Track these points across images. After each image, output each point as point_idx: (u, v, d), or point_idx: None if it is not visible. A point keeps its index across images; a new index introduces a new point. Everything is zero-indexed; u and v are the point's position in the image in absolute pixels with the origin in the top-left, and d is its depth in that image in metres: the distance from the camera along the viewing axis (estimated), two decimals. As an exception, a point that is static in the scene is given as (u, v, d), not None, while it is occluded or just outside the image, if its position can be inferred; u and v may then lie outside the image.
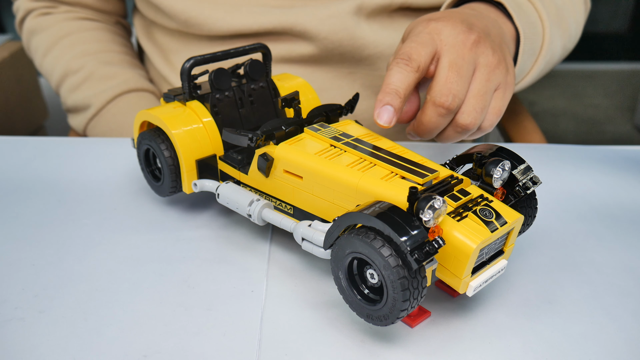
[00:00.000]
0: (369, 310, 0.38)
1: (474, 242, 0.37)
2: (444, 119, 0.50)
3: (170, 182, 0.51)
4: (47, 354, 0.38)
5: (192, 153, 0.50)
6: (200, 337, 0.40)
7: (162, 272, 0.46)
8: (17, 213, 0.54)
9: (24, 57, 1.23)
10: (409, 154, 0.45)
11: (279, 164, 0.45)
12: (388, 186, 0.40)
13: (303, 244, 0.43)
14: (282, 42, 0.73)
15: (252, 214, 0.47)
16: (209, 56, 0.52)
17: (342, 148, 0.45)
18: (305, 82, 0.58)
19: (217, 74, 0.52)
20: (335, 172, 0.42)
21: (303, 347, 0.39)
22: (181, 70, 0.51)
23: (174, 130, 0.49)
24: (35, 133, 1.28)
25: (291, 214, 0.47)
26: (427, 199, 0.36)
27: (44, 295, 0.44)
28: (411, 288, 0.35)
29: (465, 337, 0.40)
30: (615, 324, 0.42)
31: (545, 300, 0.44)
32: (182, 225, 0.53)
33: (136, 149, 0.55)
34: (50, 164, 0.63)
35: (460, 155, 0.46)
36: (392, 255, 0.35)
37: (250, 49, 0.54)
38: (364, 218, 0.36)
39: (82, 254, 0.48)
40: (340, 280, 0.39)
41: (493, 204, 0.40)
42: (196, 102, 0.52)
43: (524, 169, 0.44)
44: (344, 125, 0.49)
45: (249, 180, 0.49)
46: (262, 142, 0.46)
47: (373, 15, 0.73)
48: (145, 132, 0.52)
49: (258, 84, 0.55)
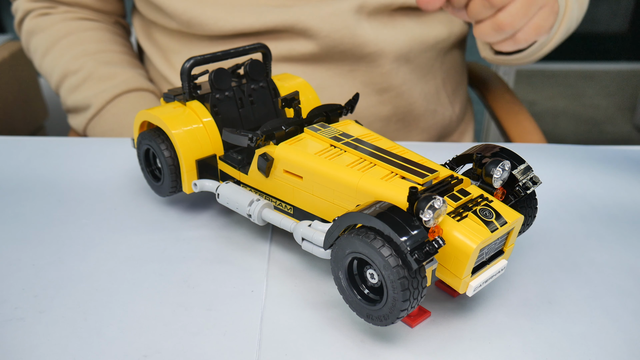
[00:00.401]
0: (369, 310, 0.38)
1: (474, 242, 0.37)
2: (486, 10, 0.50)
3: (170, 182, 0.51)
4: (47, 354, 0.38)
5: (192, 153, 0.50)
6: (200, 337, 0.40)
7: (162, 272, 0.46)
8: (17, 213, 0.54)
9: (24, 57, 1.23)
10: (409, 154, 0.45)
11: (279, 164, 0.45)
12: (388, 186, 0.40)
13: (303, 244, 0.43)
14: (284, 40, 0.73)
15: (252, 214, 0.47)
16: (209, 56, 0.52)
17: (342, 148, 0.45)
18: (305, 82, 0.58)
19: (217, 74, 0.52)
20: (335, 172, 0.42)
21: (303, 347, 0.39)
22: (181, 70, 0.51)
23: (174, 130, 0.49)
24: (35, 133, 1.28)
25: (291, 214, 0.47)
26: (427, 199, 0.36)
27: (44, 295, 0.44)
28: (411, 288, 0.35)
29: (465, 337, 0.40)
30: (615, 324, 0.42)
31: (545, 300, 0.44)
32: (182, 225, 0.53)
33: (136, 149, 0.55)
34: (50, 164, 0.63)
35: (460, 155, 0.46)
36: (392, 255, 0.35)
37: (250, 48, 0.54)
38: (364, 218, 0.36)
39: (82, 254, 0.48)
40: (340, 280, 0.39)
41: (493, 204, 0.40)
42: (196, 102, 0.52)
43: (524, 169, 0.44)
44: (344, 125, 0.49)
45: (249, 180, 0.49)
46: (262, 142, 0.46)
47: (374, 14, 0.73)
48: (145, 132, 0.52)
49: (258, 84, 0.55)
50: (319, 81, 0.75)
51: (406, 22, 0.76)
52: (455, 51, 0.85)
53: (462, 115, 0.90)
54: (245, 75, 0.55)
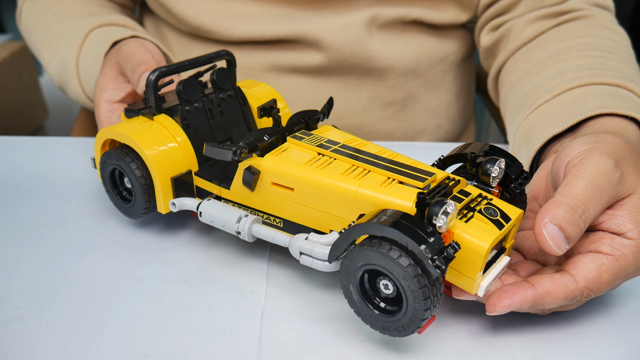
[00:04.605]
0: (386, 322, 0.37)
1: (486, 243, 0.36)
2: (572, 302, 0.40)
3: (142, 203, 0.48)
4: (47, 354, 0.38)
5: (167, 171, 0.47)
6: (200, 337, 0.40)
7: (162, 272, 0.46)
8: (17, 213, 0.54)
9: (24, 57, 1.23)
10: (399, 157, 0.44)
11: (266, 177, 0.43)
12: (389, 192, 0.39)
13: (301, 259, 0.42)
14: (293, 51, 0.73)
15: (241, 231, 0.44)
16: (175, 66, 0.49)
17: (331, 156, 0.43)
18: (272, 88, 0.57)
19: (186, 85, 0.49)
20: (330, 182, 0.41)
21: (303, 347, 0.39)
22: (147, 82, 0.48)
23: (147, 150, 0.46)
24: (35, 133, 1.28)
25: (281, 227, 0.45)
26: (440, 203, 0.35)
27: (44, 295, 0.44)
28: (431, 296, 0.35)
29: (465, 337, 0.40)
30: (615, 324, 0.42)
31: (545, 300, 0.44)
32: (182, 225, 0.53)
33: (99, 170, 0.51)
34: (50, 164, 0.63)
35: (447, 155, 0.45)
36: (411, 264, 0.34)
37: (215, 56, 0.52)
38: (376, 228, 0.35)
39: (82, 254, 0.48)
40: (351, 293, 0.38)
41: (494, 202, 0.40)
42: (164, 115, 0.49)
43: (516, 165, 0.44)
44: (324, 131, 0.48)
45: (232, 195, 0.46)
46: (245, 155, 0.44)
47: (386, 27, 0.73)
48: (110, 151, 0.48)
49: (226, 93, 0.53)
50: (324, 94, 0.74)
51: (418, 37, 0.75)
52: (467, 64, 0.84)
53: (464, 128, 0.89)
54: (212, 84, 0.52)
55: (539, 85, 0.59)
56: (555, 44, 0.63)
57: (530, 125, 0.55)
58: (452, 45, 0.78)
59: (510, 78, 0.66)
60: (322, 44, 0.71)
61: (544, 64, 0.62)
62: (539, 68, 0.61)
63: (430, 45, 0.76)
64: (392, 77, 0.75)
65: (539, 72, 0.61)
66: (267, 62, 0.73)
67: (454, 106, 0.83)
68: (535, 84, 0.60)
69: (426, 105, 0.80)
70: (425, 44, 0.76)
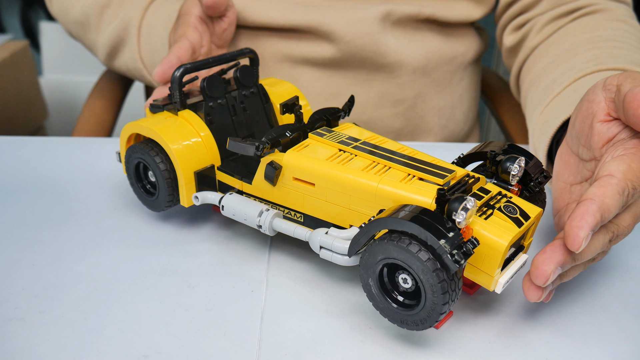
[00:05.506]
0: (404, 316, 0.37)
1: (505, 240, 0.37)
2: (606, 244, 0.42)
3: (166, 197, 0.49)
4: (47, 354, 0.38)
5: (191, 165, 0.48)
6: (200, 337, 0.40)
7: (162, 272, 0.46)
8: (17, 213, 0.54)
9: (24, 57, 1.23)
10: (420, 155, 0.44)
11: (288, 172, 0.44)
12: (409, 188, 0.39)
13: (321, 252, 0.42)
14: (305, 41, 0.73)
15: (262, 225, 0.45)
16: (199, 64, 0.50)
17: (352, 152, 0.44)
18: (294, 87, 0.58)
19: (210, 82, 0.51)
20: (351, 177, 0.41)
21: (303, 347, 0.39)
22: (172, 79, 0.49)
23: (172, 144, 0.47)
24: (35, 133, 1.28)
25: (301, 222, 0.46)
26: (459, 199, 0.36)
27: (44, 295, 0.44)
28: (450, 290, 0.35)
29: (465, 337, 0.40)
30: (615, 324, 0.42)
31: (545, 300, 0.44)
32: (182, 224, 0.53)
33: (124, 164, 0.52)
34: (50, 164, 0.63)
35: (467, 154, 0.46)
36: (430, 259, 0.34)
37: (239, 54, 0.53)
38: (396, 223, 0.35)
39: (82, 254, 0.48)
40: (370, 287, 0.39)
41: (513, 199, 0.40)
42: (188, 111, 0.50)
43: (535, 164, 0.44)
44: (346, 128, 0.49)
45: (253, 189, 0.48)
46: (268, 150, 0.45)
47: (399, 24, 0.73)
48: (135, 145, 0.50)
49: (249, 90, 0.54)
50: (334, 88, 0.74)
51: (428, 34, 0.75)
52: (474, 67, 0.84)
53: (469, 132, 0.89)
54: (236, 81, 0.53)
55: (553, 80, 0.61)
56: (569, 39, 0.65)
57: (545, 118, 0.57)
58: (461, 46, 0.79)
59: (530, 76, 0.68)
60: (335, 36, 0.71)
61: (558, 59, 0.63)
62: (554, 64, 0.63)
63: (440, 45, 0.76)
64: (403, 74, 0.75)
65: (554, 69, 0.63)
66: (280, 52, 0.73)
67: (458, 108, 0.83)
68: (550, 80, 0.62)
69: (434, 105, 0.80)
70: (435, 43, 0.76)
